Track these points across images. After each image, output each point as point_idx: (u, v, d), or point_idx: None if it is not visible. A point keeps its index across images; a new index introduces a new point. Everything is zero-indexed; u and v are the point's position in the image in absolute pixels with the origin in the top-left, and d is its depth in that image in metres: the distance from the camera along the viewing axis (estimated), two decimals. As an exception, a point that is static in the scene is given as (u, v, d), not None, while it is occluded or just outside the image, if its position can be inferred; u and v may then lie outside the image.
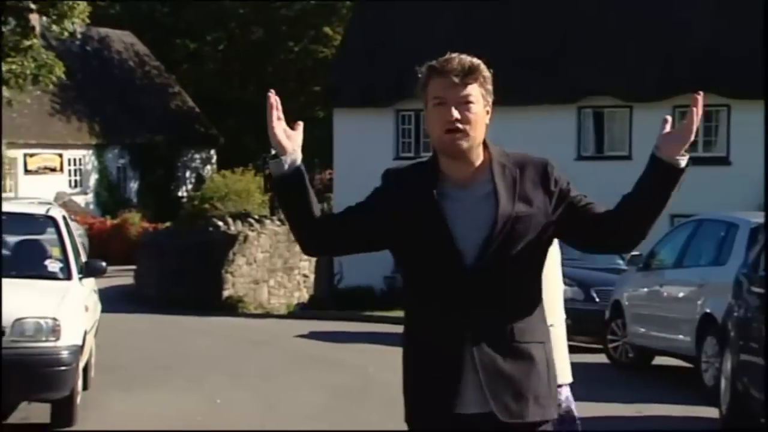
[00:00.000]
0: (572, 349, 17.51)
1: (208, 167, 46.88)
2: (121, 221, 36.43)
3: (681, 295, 13.92)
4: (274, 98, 4.01)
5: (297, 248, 20.51)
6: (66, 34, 27.91)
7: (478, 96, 3.94)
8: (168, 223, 33.53)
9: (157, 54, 47.97)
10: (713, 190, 27.11)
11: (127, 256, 30.98)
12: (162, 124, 44.59)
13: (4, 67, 23.41)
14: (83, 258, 12.00)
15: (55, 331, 10.02)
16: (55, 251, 11.93)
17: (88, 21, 29.07)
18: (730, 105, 27.95)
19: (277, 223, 31.66)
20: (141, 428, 10.49)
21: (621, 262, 18.58)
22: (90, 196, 41.36)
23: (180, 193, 44.64)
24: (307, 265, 30.09)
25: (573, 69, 28.64)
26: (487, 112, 3.99)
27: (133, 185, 44.06)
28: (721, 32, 27.68)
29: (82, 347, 10.48)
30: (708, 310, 12.98)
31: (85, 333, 10.78)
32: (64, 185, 40.22)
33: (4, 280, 10.66)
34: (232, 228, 30.31)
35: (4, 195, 34.16)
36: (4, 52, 22.61)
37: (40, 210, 12.07)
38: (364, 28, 32.65)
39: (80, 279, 11.27)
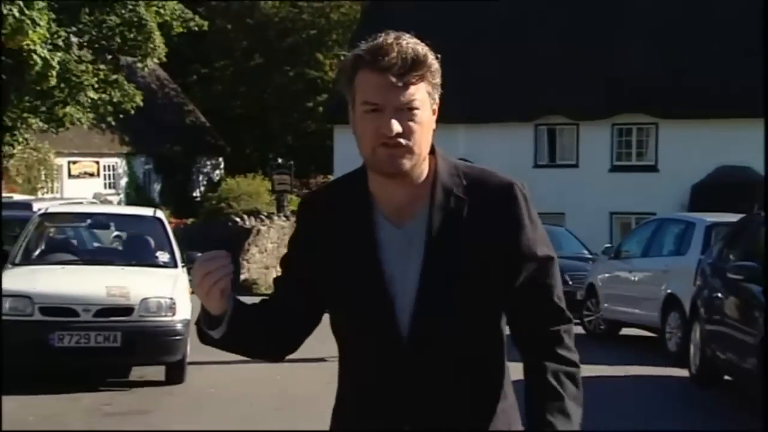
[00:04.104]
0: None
1: (217, 172, 47.17)
2: (152, 217, 36.72)
3: (648, 278, 14.22)
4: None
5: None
6: (146, 69, 28.37)
7: (424, 98, 2.42)
8: (191, 220, 33.87)
9: (174, 78, 48.24)
10: (644, 192, 27.90)
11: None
12: (179, 136, 44.75)
13: (94, 96, 23.93)
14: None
15: (171, 308, 10.53)
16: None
17: (164, 59, 29.49)
18: (658, 123, 28.71)
19: (283, 218, 32.09)
20: (238, 386, 10.94)
21: (585, 252, 19.29)
22: (121, 196, 41.51)
23: (194, 194, 44.94)
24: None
25: (531, 93, 29.31)
26: (434, 112, 2.47)
27: (157, 187, 44.25)
28: (652, 62, 28.41)
29: (190, 321, 11.07)
30: (671, 291, 13.45)
31: (192, 309, 11.36)
32: (100, 187, 40.35)
33: (128, 268, 11.28)
34: (247, 223, 30.71)
35: (50, 195, 34.47)
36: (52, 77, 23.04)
37: (149, 212, 12.57)
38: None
39: (183, 267, 11.84)
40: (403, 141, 2.40)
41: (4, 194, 27.34)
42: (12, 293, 10.12)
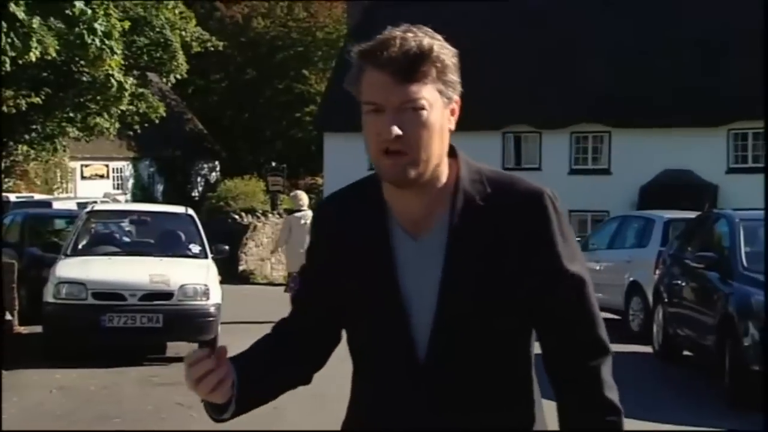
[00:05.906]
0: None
1: (214, 174, 47.29)
2: (158, 215, 36.82)
3: (613, 268, 14.47)
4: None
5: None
6: (170, 85, 28.55)
7: (433, 96, 1.97)
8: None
9: (175, 89, 48.31)
10: (598, 192, 28.33)
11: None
12: (179, 142, 44.78)
13: (123, 107, 24.24)
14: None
15: (206, 293, 10.84)
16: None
17: (186, 76, 29.65)
18: (611, 131, 29.12)
19: (277, 215, 32.35)
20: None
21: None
22: (128, 196, 41.63)
23: (193, 194, 45.03)
24: (299, 247, 30.74)
25: (499, 103, 29.65)
26: (452, 112, 2.03)
27: (159, 188, 44.31)
28: (606, 79, 28.85)
29: (221, 304, 11.35)
30: (633, 279, 13.82)
31: (222, 295, 11.66)
32: (109, 188, 40.43)
33: (165, 259, 11.54)
34: (244, 220, 30.94)
35: (64, 195, 34.58)
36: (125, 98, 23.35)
37: (181, 209, 12.88)
38: (347, 70, 33.37)
39: (212, 258, 12.14)
40: (404, 148, 1.94)
41: (25, 194, 27.61)
42: (68, 280, 10.46)
